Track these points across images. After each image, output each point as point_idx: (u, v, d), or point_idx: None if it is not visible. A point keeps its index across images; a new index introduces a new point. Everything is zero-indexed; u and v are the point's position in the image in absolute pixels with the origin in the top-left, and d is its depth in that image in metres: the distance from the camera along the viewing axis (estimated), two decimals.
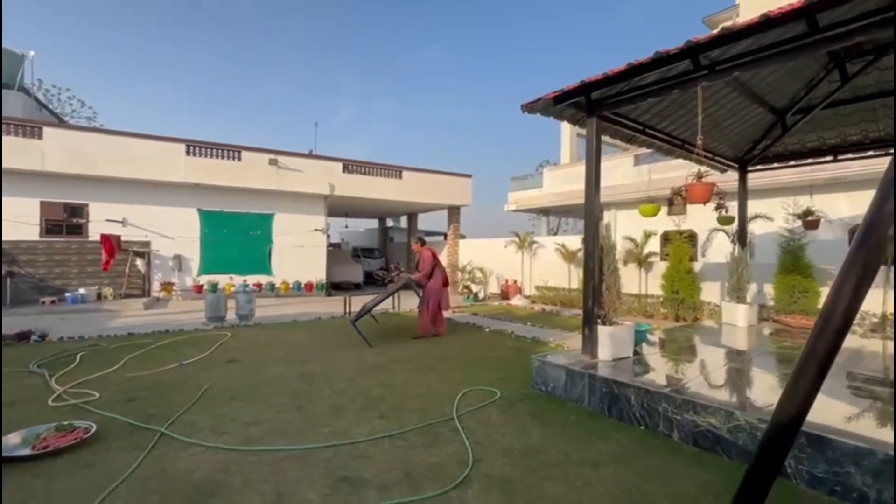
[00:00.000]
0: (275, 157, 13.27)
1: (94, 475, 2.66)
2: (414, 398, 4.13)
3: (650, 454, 3.00)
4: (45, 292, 10.94)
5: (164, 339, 6.72)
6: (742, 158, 6.84)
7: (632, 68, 3.48)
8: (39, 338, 6.59)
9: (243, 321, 8.46)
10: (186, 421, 3.52)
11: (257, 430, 3.35)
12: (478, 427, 3.46)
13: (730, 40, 3.17)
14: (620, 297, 4.32)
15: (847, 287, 1.32)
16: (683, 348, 5.18)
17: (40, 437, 3.02)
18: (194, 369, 5.09)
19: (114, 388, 4.34)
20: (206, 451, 3.00)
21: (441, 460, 2.91)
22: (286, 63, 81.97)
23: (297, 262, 14.01)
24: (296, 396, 4.16)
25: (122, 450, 3.00)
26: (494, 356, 5.86)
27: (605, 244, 4.33)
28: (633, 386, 3.45)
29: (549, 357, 4.28)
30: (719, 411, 2.94)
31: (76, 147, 11.15)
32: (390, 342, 6.77)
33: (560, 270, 12.34)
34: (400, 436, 3.28)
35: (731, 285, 6.54)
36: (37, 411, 3.70)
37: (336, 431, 3.35)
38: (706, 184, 3.93)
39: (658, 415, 3.28)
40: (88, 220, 11.69)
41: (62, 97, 26.46)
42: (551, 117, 4.68)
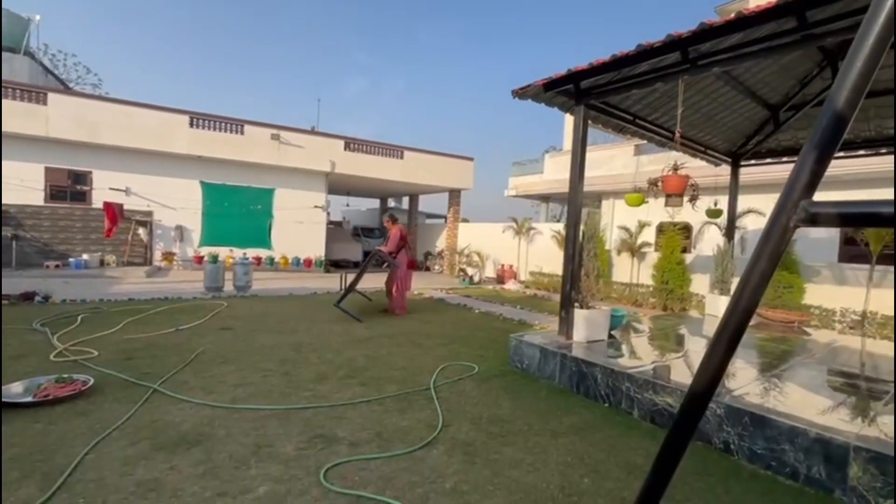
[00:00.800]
0: (277, 132, 13.33)
1: (89, 422, 2.88)
2: (396, 370, 4.34)
3: (609, 428, 3.21)
4: (49, 256, 11.20)
5: (163, 306, 6.96)
6: (735, 153, 6.90)
7: (616, 60, 3.56)
8: (43, 299, 6.84)
9: (240, 292, 8.69)
10: (178, 380, 3.74)
11: (244, 392, 3.56)
12: (452, 397, 3.67)
13: (711, 36, 3.24)
14: (599, 282, 4.48)
15: (755, 273, 1.48)
16: (661, 335, 5.36)
17: (41, 386, 3.24)
18: (189, 334, 5.31)
19: (112, 348, 4.57)
20: (195, 407, 3.22)
21: (412, 424, 3.12)
22: (295, 38, 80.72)
23: (297, 237, 14.20)
24: (283, 363, 4.38)
25: (117, 402, 3.23)
26: (479, 336, 6.06)
27: (587, 231, 4.47)
28: (599, 365, 3.64)
29: (525, 336, 4.47)
30: (675, 391, 3.13)
31: (81, 114, 11.25)
32: (381, 318, 6.99)
33: (555, 257, 12.45)
34: (377, 401, 3.49)
35: (715, 277, 6.68)
36: (39, 365, 3.94)
37: (317, 395, 3.56)
38: (680, 176, 4.04)
39: (621, 393, 3.47)
40: (92, 187, 11.87)
41: (68, 63, 26.38)
42: (543, 104, 4.76)
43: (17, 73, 14.51)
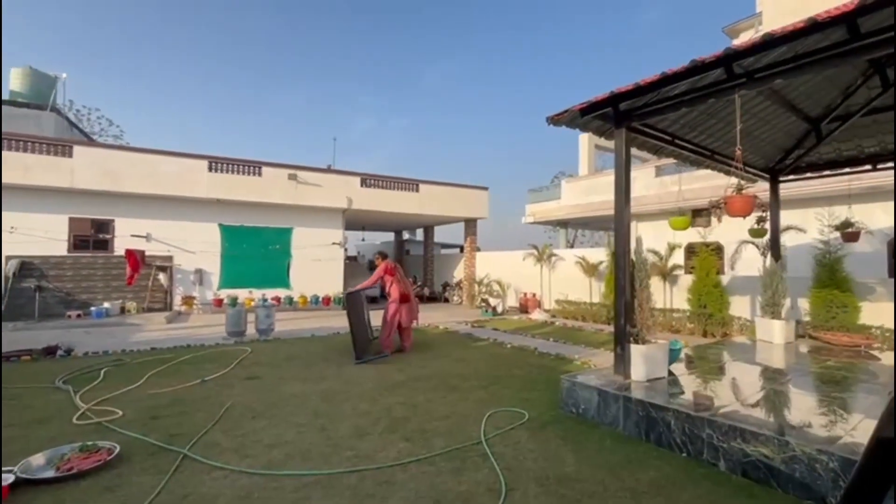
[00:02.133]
0: (294, 171, 13.44)
1: (117, 500, 2.59)
2: (438, 419, 4.00)
3: (694, 484, 2.81)
4: (71, 306, 11.16)
5: (186, 354, 6.73)
6: (773, 168, 6.61)
7: (665, 77, 3.37)
8: (65, 352, 6.67)
9: (263, 336, 8.45)
10: (209, 441, 3.45)
11: (280, 453, 3.25)
12: (507, 451, 3.31)
13: (769, 47, 3.04)
14: (653, 314, 4.13)
15: None
16: (718, 367, 4.94)
17: (64, 457, 2.98)
18: (215, 386, 5.05)
19: (136, 405, 4.32)
20: (229, 474, 2.92)
21: (471, 488, 2.76)
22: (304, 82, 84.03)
23: (315, 275, 14.06)
24: (317, 416, 4.07)
25: (145, 472, 2.94)
26: (518, 374, 5.68)
27: (637, 259, 4.18)
28: (671, 409, 3.26)
29: (579, 377, 4.10)
30: (771, 440, 2.73)
31: (104, 164, 11.47)
32: (409, 358, 6.65)
33: (580, 284, 12.10)
34: (427, 460, 3.15)
35: (765, 300, 6.26)
36: (61, 429, 3.69)
37: (360, 455, 3.23)
38: (747, 196, 3.76)
39: (701, 441, 3.08)
40: (114, 235, 11.96)
41: (91, 117, 27.50)
42: (578, 129, 4.59)
43: (45, 128, 15.03)
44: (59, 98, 17.88)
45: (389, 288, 7.18)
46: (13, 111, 15.32)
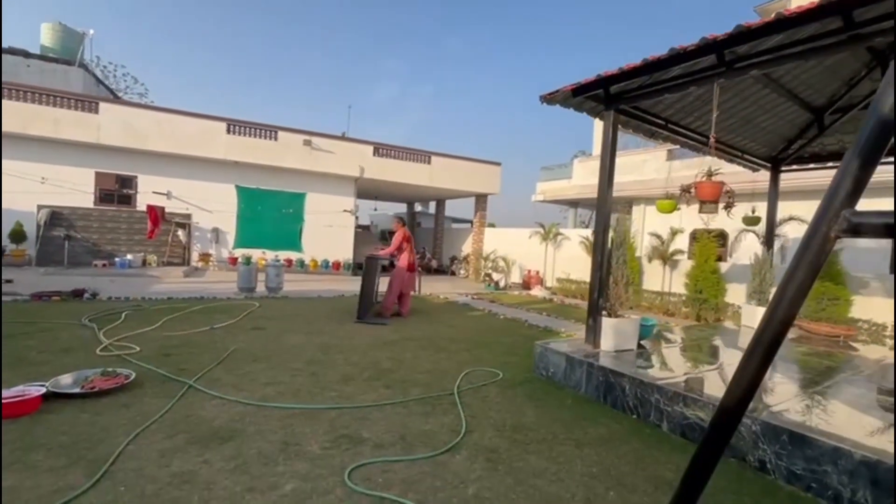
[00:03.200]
0: (309, 137, 13.71)
1: (130, 414, 3.04)
2: (420, 373, 4.37)
3: (637, 440, 3.12)
4: (97, 256, 11.87)
5: (199, 305, 7.25)
6: (775, 157, 6.61)
7: (647, 64, 3.49)
8: (91, 296, 7.26)
9: (272, 293, 8.96)
10: (212, 377, 3.89)
11: (273, 390, 3.67)
12: (475, 403, 3.66)
13: (748, 38, 3.13)
14: (628, 290, 4.37)
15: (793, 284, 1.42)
16: (694, 346, 5.18)
17: (88, 378, 3.44)
18: (223, 333, 5.52)
19: (152, 344, 4.81)
20: (227, 403, 3.34)
21: (435, 428, 3.13)
22: (326, 44, 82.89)
23: (327, 241, 14.51)
24: (311, 363, 4.48)
25: (156, 396, 3.39)
26: (504, 341, 6.02)
27: (617, 237, 4.38)
28: (627, 376, 3.55)
29: (551, 343, 4.41)
30: (708, 405, 3.02)
31: (128, 122, 11.91)
32: (406, 321, 7.04)
33: (584, 263, 12.25)
34: (401, 404, 3.52)
35: (753, 287, 6.40)
36: (86, 358, 4.19)
37: (343, 396, 3.63)
38: (715, 182, 3.90)
39: (650, 405, 3.38)
40: (137, 191, 12.52)
41: (117, 73, 27.97)
42: (572, 109, 4.72)
43: (73, 84, 15.52)
44: (87, 54, 18.29)
45: (400, 255, 7.45)
46: (43, 65, 15.82)
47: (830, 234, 1.31)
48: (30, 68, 15.40)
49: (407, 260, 7.42)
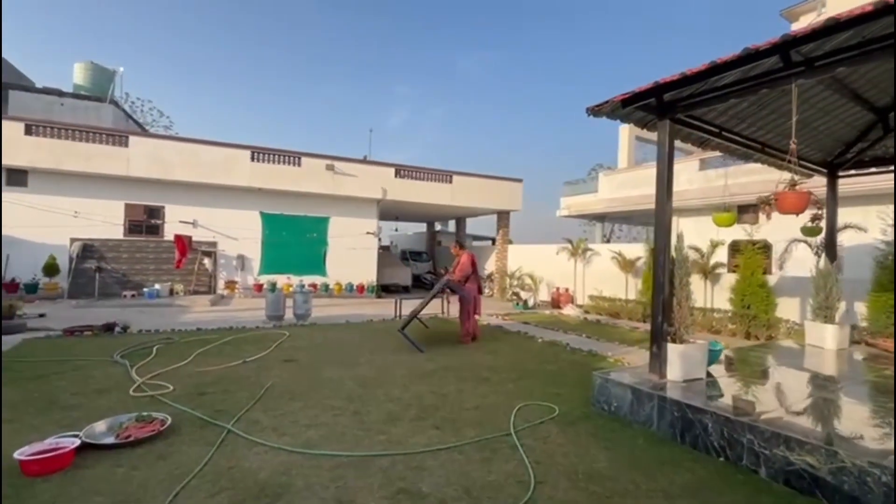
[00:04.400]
0: (331, 162, 13.75)
1: (168, 467, 2.79)
2: (468, 409, 4.04)
3: (731, 490, 2.72)
4: (126, 286, 11.96)
5: (228, 336, 7.09)
6: (832, 163, 6.18)
7: (714, 66, 3.21)
8: (122, 329, 7.17)
9: (300, 321, 8.77)
10: (250, 419, 3.64)
11: (316, 433, 3.39)
12: (536, 445, 3.31)
13: (832, 32, 2.83)
14: (693, 313, 3.99)
15: None
16: (762, 371, 4.72)
17: (123, 426, 3.23)
18: (256, 367, 5.30)
19: (185, 381, 4.61)
20: (270, 451, 3.07)
21: (500, 478, 2.79)
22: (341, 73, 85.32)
23: (350, 264, 14.40)
24: (351, 401, 4.20)
25: (194, 443, 3.14)
26: (549, 369, 5.64)
27: (677, 255, 4.04)
28: (710, 412, 3.16)
29: (612, 374, 4.03)
30: (818, 449, 2.60)
31: (155, 153, 12.14)
32: (440, 348, 6.73)
33: (616, 280, 11.80)
34: (457, 449, 3.20)
35: (817, 303, 5.90)
36: (119, 399, 4.00)
37: (392, 440, 3.32)
38: (801, 192, 3.54)
39: (741, 446, 2.97)
40: (164, 220, 12.67)
41: (145, 108, 29.05)
42: (619, 120, 4.45)
43: (104, 119, 16.04)
44: (117, 91, 18.97)
45: (463, 275, 7.31)
46: (76, 103, 16.42)
47: None
48: (63, 107, 15.99)
49: (476, 283, 7.38)
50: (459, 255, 7.50)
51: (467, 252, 7.49)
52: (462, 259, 7.37)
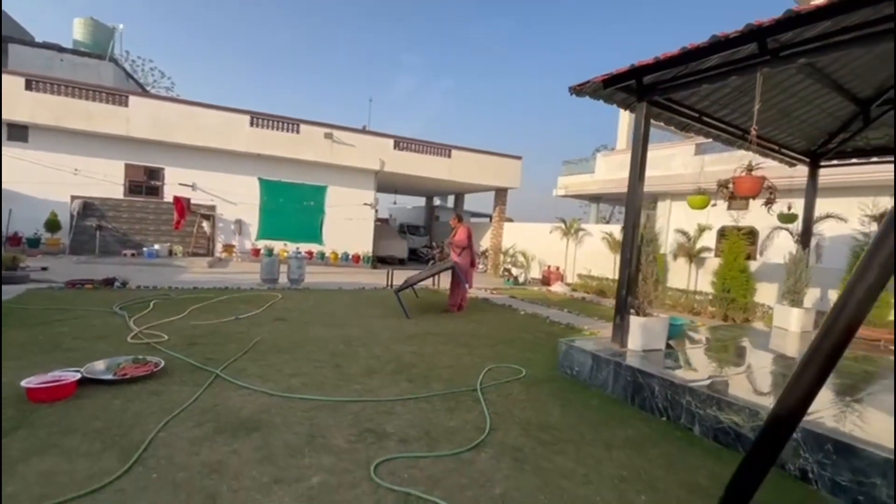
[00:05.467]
0: (330, 131, 13.77)
1: (160, 402, 3.09)
2: (442, 368, 4.34)
3: (667, 443, 3.03)
4: (126, 245, 12.23)
5: (224, 295, 7.39)
6: (814, 152, 6.31)
7: (685, 53, 3.34)
8: (121, 284, 7.46)
9: (294, 285, 9.06)
10: (238, 367, 3.94)
11: (298, 381, 3.69)
12: (499, 400, 3.61)
13: (799, 23, 2.96)
14: (657, 288, 4.24)
15: (862, 285, 1.31)
16: (723, 347, 5.01)
17: (120, 365, 3.53)
18: (247, 323, 5.60)
19: (179, 333, 4.90)
20: (253, 393, 3.37)
21: (460, 425, 3.10)
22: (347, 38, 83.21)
23: (347, 233, 14.62)
24: (334, 356, 4.50)
25: (184, 384, 3.44)
26: (526, 338, 5.95)
27: (646, 234, 4.25)
28: (657, 376, 3.45)
29: (576, 341, 4.32)
30: (744, 409, 2.90)
31: (156, 115, 12.17)
32: (427, 316, 7.03)
33: (605, 260, 12.05)
34: (425, 399, 3.50)
35: (787, 287, 6.15)
36: (118, 345, 4.30)
37: (367, 389, 3.63)
38: (755, 177, 3.72)
39: (681, 407, 3.27)
40: (164, 182, 12.82)
41: (146, 68, 28.65)
42: (601, 101, 4.57)
43: (104, 77, 15.93)
44: (117, 48, 18.73)
45: (462, 252, 7.58)
46: (76, 59, 16.28)
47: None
48: (63, 62, 15.86)
49: (469, 256, 7.62)
50: (457, 227, 7.73)
51: (464, 225, 7.72)
52: (459, 232, 7.60)
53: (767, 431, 1.69)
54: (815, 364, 1.51)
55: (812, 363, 1.52)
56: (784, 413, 1.64)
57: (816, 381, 1.51)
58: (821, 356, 1.53)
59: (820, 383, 1.52)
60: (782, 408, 1.64)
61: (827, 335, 1.53)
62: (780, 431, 1.65)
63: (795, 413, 1.58)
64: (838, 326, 1.49)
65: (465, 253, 7.58)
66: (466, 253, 7.60)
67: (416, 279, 7.35)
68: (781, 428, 1.64)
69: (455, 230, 7.76)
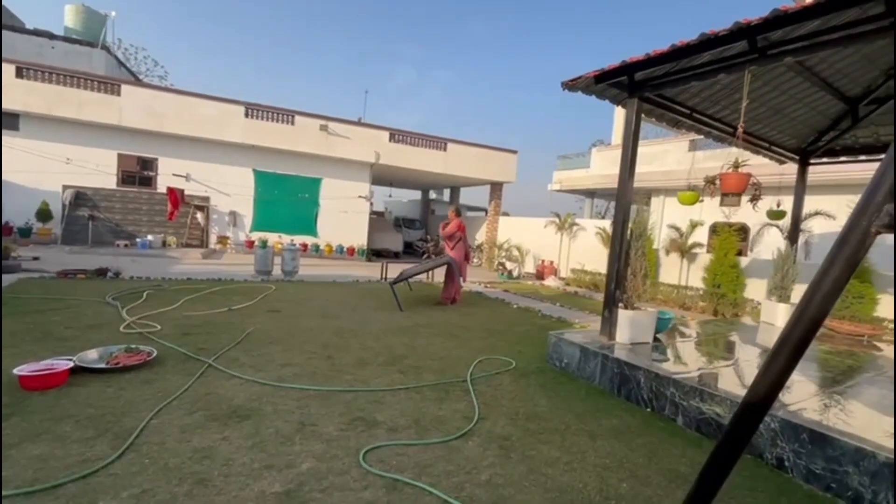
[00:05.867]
0: (325, 122, 13.71)
1: (153, 390, 3.13)
2: (433, 360, 4.40)
3: (650, 433, 3.10)
4: (119, 236, 12.17)
5: (217, 287, 7.40)
6: (804, 150, 6.38)
7: (675, 50, 3.38)
8: (114, 275, 7.45)
9: (288, 277, 9.08)
10: (230, 357, 3.97)
11: (289, 371, 3.74)
12: (488, 391, 3.68)
13: (784, 23, 3.00)
14: (646, 282, 4.31)
15: (827, 279, 1.36)
16: (710, 341, 5.09)
17: (113, 354, 3.55)
18: (241, 315, 5.62)
19: (172, 323, 4.93)
20: (245, 383, 3.41)
21: (449, 414, 3.16)
22: (345, 29, 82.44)
23: (341, 226, 14.61)
24: (326, 347, 4.54)
25: (176, 373, 3.48)
26: (517, 331, 6.02)
27: (636, 228, 4.31)
28: (643, 368, 3.52)
29: (565, 334, 4.39)
30: (725, 401, 2.97)
31: (149, 104, 12.07)
32: (420, 308, 7.08)
33: (599, 254, 12.13)
34: (415, 389, 3.56)
35: (774, 283, 6.24)
36: (110, 335, 4.32)
37: (358, 379, 3.68)
38: (741, 174, 3.78)
39: (665, 398, 3.34)
40: (157, 173, 12.74)
41: (139, 56, 28.28)
42: (594, 96, 4.61)
43: (96, 65, 15.73)
44: (109, 36, 18.48)
45: (455, 245, 7.64)
46: (67, 47, 16.06)
47: (871, 230, 1.25)
48: (54, 50, 15.65)
49: (464, 249, 7.71)
50: (453, 219, 7.76)
51: (460, 219, 7.81)
52: (451, 224, 7.63)
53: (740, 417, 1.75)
54: (785, 353, 1.57)
55: (781, 352, 1.58)
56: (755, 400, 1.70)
57: (785, 368, 1.57)
58: (790, 345, 1.59)
59: (789, 371, 1.58)
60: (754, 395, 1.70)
61: (795, 326, 1.59)
62: (751, 417, 1.71)
63: (766, 399, 1.64)
64: (806, 317, 1.54)
65: (458, 246, 7.63)
66: (460, 246, 7.66)
67: (411, 272, 7.39)
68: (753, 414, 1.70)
69: (448, 220, 7.80)
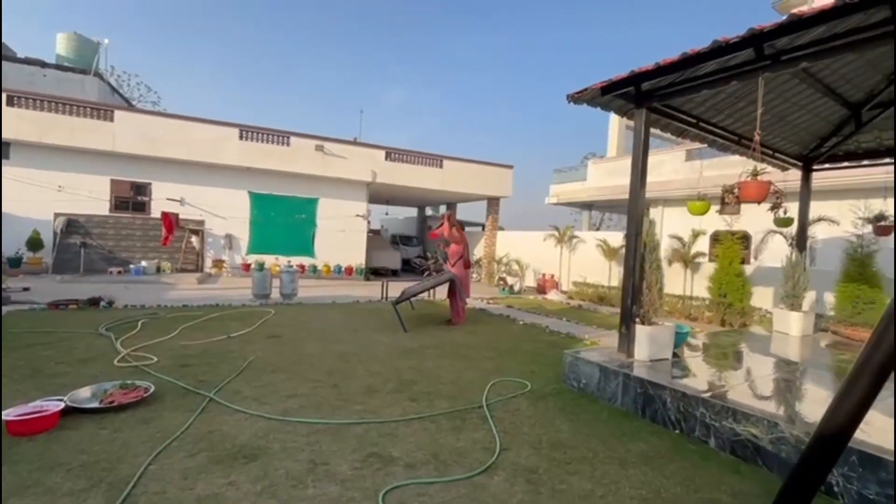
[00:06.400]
0: (321, 143, 13.67)
1: (150, 430, 2.92)
2: (445, 384, 4.21)
3: (683, 458, 2.92)
4: (112, 263, 11.91)
5: (214, 313, 7.17)
6: (807, 156, 6.36)
7: (686, 58, 3.32)
8: (107, 304, 7.21)
9: (286, 300, 8.86)
10: (232, 389, 3.76)
11: (295, 403, 3.53)
12: (506, 417, 3.49)
13: (799, 27, 2.94)
14: (662, 296, 4.17)
15: None
16: (727, 354, 4.95)
17: (107, 392, 3.34)
18: (240, 342, 5.41)
19: (169, 354, 4.71)
20: (249, 418, 3.21)
21: (468, 445, 2.96)
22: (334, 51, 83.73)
23: (339, 246, 14.45)
24: (331, 374, 4.34)
25: (176, 410, 3.26)
26: (526, 349, 5.84)
27: (649, 241, 4.19)
28: (669, 388, 3.35)
29: (582, 353, 4.22)
30: (762, 421, 2.81)
31: (142, 129, 11.97)
32: (424, 328, 6.89)
33: (600, 267, 12.03)
34: (429, 419, 3.36)
35: (785, 291, 6.14)
36: (104, 369, 4.10)
37: (368, 409, 3.48)
38: (761, 182, 3.69)
39: (695, 419, 3.17)
40: (151, 197, 12.57)
41: (131, 82, 28.34)
42: (599, 108, 4.54)
43: (88, 92, 15.66)
44: (101, 63, 18.50)
45: (457, 260, 7.51)
46: (59, 75, 16.01)
47: None
48: (46, 78, 15.58)
49: (466, 266, 7.60)
50: (446, 231, 7.61)
51: (463, 233, 7.76)
52: (453, 246, 7.55)
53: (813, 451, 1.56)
54: (866, 378, 1.40)
55: (860, 381, 1.41)
56: (831, 431, 1.51)
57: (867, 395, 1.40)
58: (871, 370, 1.42)
59: (871, 398, 1.41)
60: (829, 425, 1.51)
61: (875, 350, 1.42)
62: (827, 451, 1.53)
63: (845, 431, 1.45)
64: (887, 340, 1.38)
65: (459, 262, 7.49)
66: (461, 262, 7.52)
67: (413, 291, 7.22)
68: (829, 447, 1.52)
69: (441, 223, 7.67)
